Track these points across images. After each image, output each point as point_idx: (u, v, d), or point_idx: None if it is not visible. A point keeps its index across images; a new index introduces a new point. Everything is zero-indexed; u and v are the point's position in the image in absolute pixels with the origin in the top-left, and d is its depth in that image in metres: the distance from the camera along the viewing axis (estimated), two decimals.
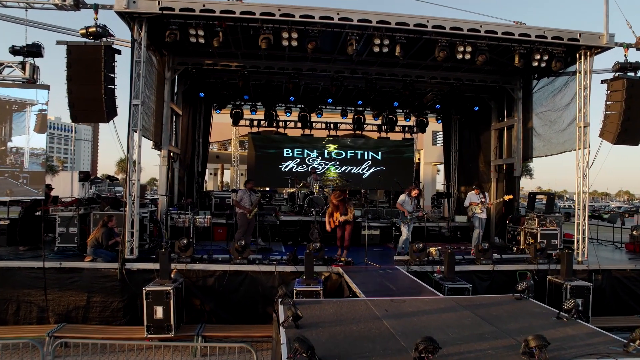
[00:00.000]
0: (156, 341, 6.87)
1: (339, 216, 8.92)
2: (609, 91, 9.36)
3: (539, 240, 10.00)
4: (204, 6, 8.15)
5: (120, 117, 8.57)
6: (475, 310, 5.15)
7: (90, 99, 7.90)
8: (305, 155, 17.91)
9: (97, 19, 8.04)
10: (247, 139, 19.82)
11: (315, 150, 17.97)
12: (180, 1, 8.13)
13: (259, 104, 16.14)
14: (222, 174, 36.49)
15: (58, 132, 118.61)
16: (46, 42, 9.09)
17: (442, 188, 20.13)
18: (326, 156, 18.05)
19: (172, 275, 7.57)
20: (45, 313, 7.75)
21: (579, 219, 9.57)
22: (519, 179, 12.36)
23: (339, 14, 8.45)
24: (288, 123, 17.54)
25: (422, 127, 17.03)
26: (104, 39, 8.01)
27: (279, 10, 8.24)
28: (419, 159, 27.43)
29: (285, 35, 8.60)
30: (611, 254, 11.24)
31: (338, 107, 16.49)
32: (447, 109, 16.07)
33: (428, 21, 8.66)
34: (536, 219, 10.63)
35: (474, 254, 9.36)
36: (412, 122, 17.73)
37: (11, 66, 9.16)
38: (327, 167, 18.02)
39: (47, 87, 8.95)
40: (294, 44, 8.72)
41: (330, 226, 9.00)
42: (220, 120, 18.44)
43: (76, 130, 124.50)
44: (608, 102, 9.37)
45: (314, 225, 10.76)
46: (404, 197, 9.76)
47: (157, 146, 10.53)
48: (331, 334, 4.19)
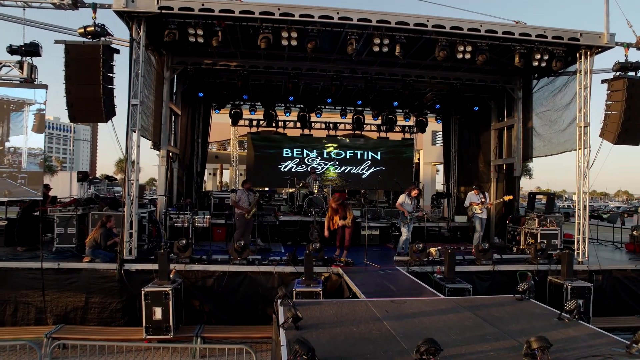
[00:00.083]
0: (155, 342, 6.84)
1: (338, 220, 8.90)
2: (609, 91, 9.36)
3: (539, 240, 9.99)
4: (203, 5, 8.13)
5: (118, 117, 8.56)
6: (476, 311, 5.13)
7: (89, 99, 7.87)
8: (305, 155, 17.88)
9: (95, 18, 8.02)
10: (246, 139, 19.81)
11: (315, 150, 17.94)
12: (179, 0, 8.10)
13: (258, 103, 16.11)
14: (222, 174, 36.49)
15: (57, 132, 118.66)
16: (44, 41, 9.08)
17: (441, 188, 20.11)
18: (325, 156, 18.02)
19: (171, 276, 7.56)
20: (43, 314, 7.72)
21: (579, 219, 9.56)
22: (519, 179, 12.35)
23: (338, 13, 8.43)
24: (287, 123, 17.50)
25: (421, 127, 17.02)
26: (103, 38, 7.99)
27: (279, 9, 8.21)
28: (419, 159, 27.43)
29: (284, 34, 8.58)
30: (611, 254, 11.23)
31: (337, 107, 16.46)
32: (447, 108, 16.05)
33: (428, 20, 8.64)
34: (536, 219, 10.61)
35: (474, 254, 9.33)
36: (411, 122, 17.70)
37: (9, 65, 9.11)
38: (326, 167, 17.99)
39: (45, 87, 8.91)
40: (294, 43, 8.70)
41: (329, 230, 8.98)
42: (220, 120, 18.40)
43: (75, 131, 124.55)
44: (608, 102, 9.38)
45: (313, 226, 10.73)
46: (403, 197, 9.73)
47: (156, 146, 10.49)
48: (331, 336, 4.16)
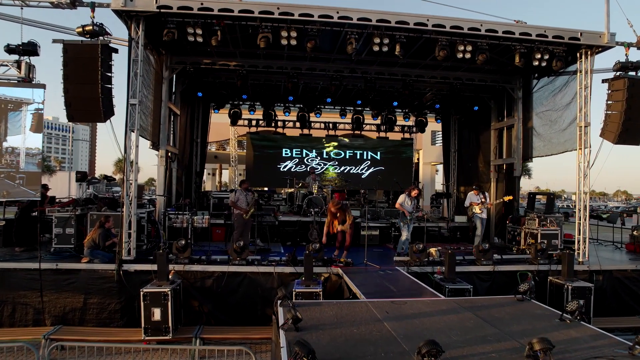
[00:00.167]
0: (154, 343, 6.81)
1: (337, 224, 8.89)
2: (609, 91, 9.34)
3: (539, 240, 9.96)
4: (202, 4, 8.08)
5: (117, 116, 8.53)
6: (477, 312, 5.09)
7: (87, 98, 7.83)
8: (304, 155, 17.84)
9: (93, 17, 7.97)
10: (245, 138, 19.73)
11: (314, 150, 17.90)
12: None
13: (258, 103, 16.07)
14: (221, 174, 36.42)
15: (56, 132, 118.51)
16: (42, 40, 9.03)
17: (441, 188, 20.08)
18: (325, 156, 17.99)
19: (170, 277, 7.51)
20: (42, 315, 7.67)
21: (579, 219, 9.53)
22: (519, 179, 12.32)
23: (338, 12, 8.39)
24: (287, 123, 17.45)
25: (421, 127, 17.01)
26: (101, 37, 7.94)
27: (278, 8, 8.17)
28: (418, 159, 27.38)
29: (284, 34, 8.54)
30: (611, 254, 11.21)
31: (337, 107, 16.42)
32: (447, 108, 16.03)
33: (428, 20, 8.61)
34: (536, 219, 10.59)
35: (474, 254, 9.30)
36: (411, 121, 17.68)
37: (6, 65, 9.05)
38: (326, 167, 17.95)
39: (43, 86, 8.86)
40: (293, 43, 8.66)
41: (327, 235, 8.95)
42: (219, 120, 18.33)
43: (74, 130, 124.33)
44: (609, 102, 9.35)
45: (313, 226, 10.71)
46: (403, 197, 9.70)
47: (155, 146, 10.46)
48: (332, 337, 4.13)
